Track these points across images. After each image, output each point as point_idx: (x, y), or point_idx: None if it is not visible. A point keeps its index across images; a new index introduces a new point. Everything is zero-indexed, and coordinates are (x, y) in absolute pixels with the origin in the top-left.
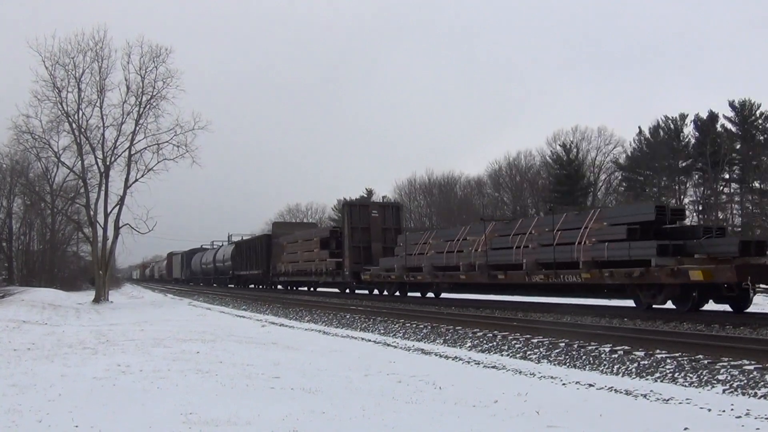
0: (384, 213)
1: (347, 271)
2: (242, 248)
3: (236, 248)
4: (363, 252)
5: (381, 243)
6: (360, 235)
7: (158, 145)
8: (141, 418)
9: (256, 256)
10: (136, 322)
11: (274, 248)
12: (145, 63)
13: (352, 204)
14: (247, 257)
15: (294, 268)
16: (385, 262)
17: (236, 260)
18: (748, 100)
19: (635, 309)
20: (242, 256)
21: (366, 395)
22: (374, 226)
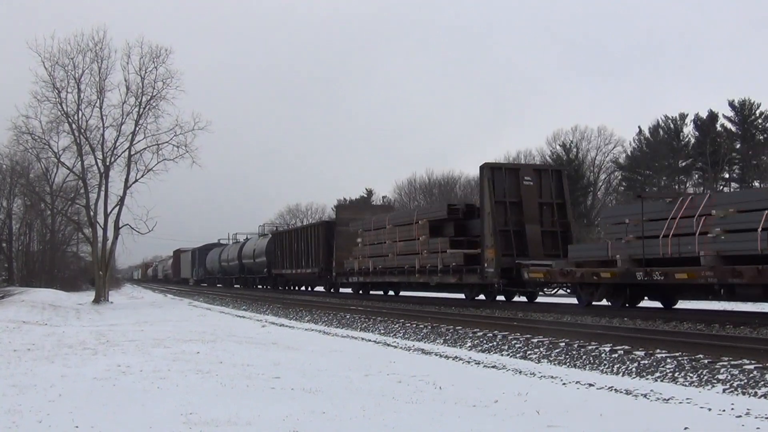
0: (540, 180)
1: (490, 266)
2: (284, 240)
3: (274, 240)
4: (515, 238)
5: (538, 225)
6: (509, 214)
7: (158, 145)
8: (141, 419)
9: (308, 249)
10: (136, 323)
11: (338, 239)
12: (145, 63)
13: (495, 166)
14: (292, 252)
15: (379, 264)
16: (583, 250)
17: (274, 255)
18: (748, 100)
19: (635, 309)
20: (285, 251)
21: (366, 395)
22: (528, 200)
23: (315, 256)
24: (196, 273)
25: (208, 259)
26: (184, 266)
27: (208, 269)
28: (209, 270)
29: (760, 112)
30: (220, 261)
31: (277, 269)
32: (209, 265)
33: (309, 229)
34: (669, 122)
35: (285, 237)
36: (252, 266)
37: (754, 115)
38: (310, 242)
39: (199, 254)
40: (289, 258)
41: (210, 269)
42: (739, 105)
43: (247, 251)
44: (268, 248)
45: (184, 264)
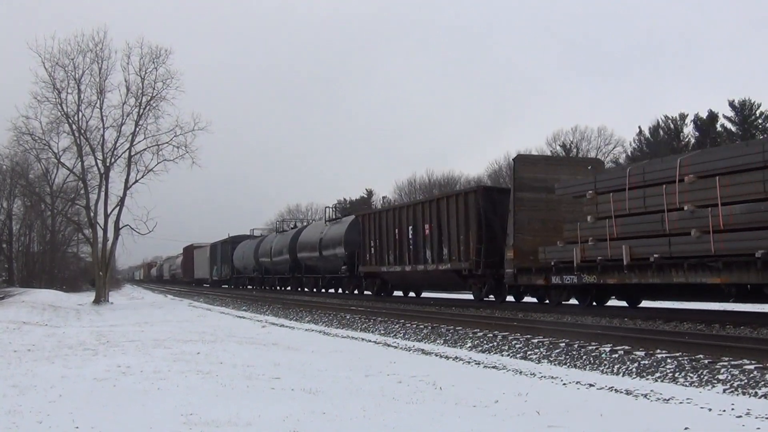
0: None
1: None
2: (383, 223)
3: (362, 225)
4: None
5: None
6: None
7: (158, 146)
8: (141, 419)
9: (439, 234)
10: (136, 323)
11: (519, 213)
12: (145, 64)
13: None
14: (402, 240)
15: (656, 249)
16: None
17: (361, 247)
18: (748, 100)
19: (635, 309)
20: (384, 239)
21: (366, 396)
22: None
23: (457, 243)
24: (218, 272)
25: (238, 254)
26: (200, 264)
27: (238, 267)
28: (239, 268)
29: (760, 112)
30: (258, 256)
31: (368, 266)
32: (239, 262)
33: (439, 204)
34: (669, 122)
35: (385, 218)
36: (316, 263)
37: (754, 115)
38: (443, 223)
39: (223, 249)
40: (395, 249)
41: (241, 267)
42: (739, 105)
43: (307, 242)
44: (349, 237)
45: (200, 262)
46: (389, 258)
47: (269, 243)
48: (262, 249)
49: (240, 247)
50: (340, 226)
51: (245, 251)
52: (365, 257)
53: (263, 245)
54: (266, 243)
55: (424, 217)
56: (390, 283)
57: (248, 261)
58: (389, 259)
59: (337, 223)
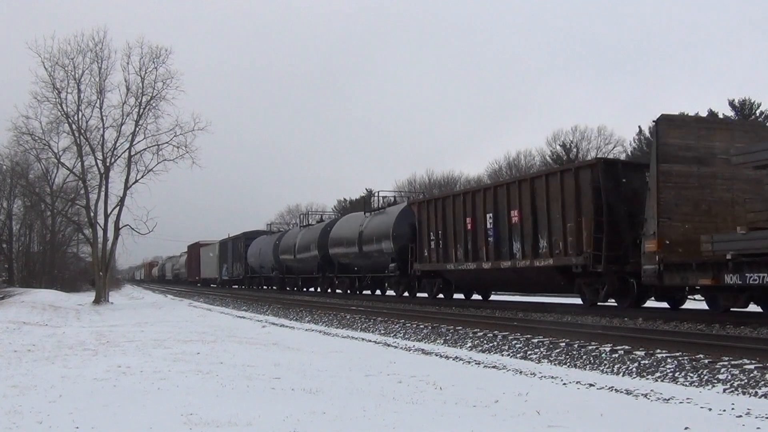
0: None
1: None
2: (447, 211)
3: (415, 213)
4: None
5: None
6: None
7: (158, 146)
8: (141, 419)
9: (534, 223)
10: (136, 323)
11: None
12: (145, 64)
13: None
14: (475, 232)
15: None
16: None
17: (416, 240)
18: (748, 100)
19: (635, 309)
20: (447, 231)
21: (366, 396)
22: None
23: (562, 233)
24: (228, 271)
25: (253, 252)
26: (207, 263)
27: (252, 266)
28: (254, 267)
29: (760, 111)
30: (278, 253)
31: (426, 263)
32: (254, 261)
33: (535, 184)
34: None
35: (451, 205)
36: (354, 260)
37: (755, 114)
38: (541, 207)
39: (234, 246)
40: (465, 242)
41: (256, 266)
42: (739, 105)
43: (343, 236)
44: (399, 229)
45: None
46: (457, 253)
47: (292, 238)
48: (283, 245)
49: (255, 243)
50: (386, 217)
51: (262, 248)
52: (422, 253)
53: (285, 241)
54: (288, 238)
55: (511, 202)
56: (456, 283)
57: (265, 259)
58: (457, 255)
59: (381, 213)
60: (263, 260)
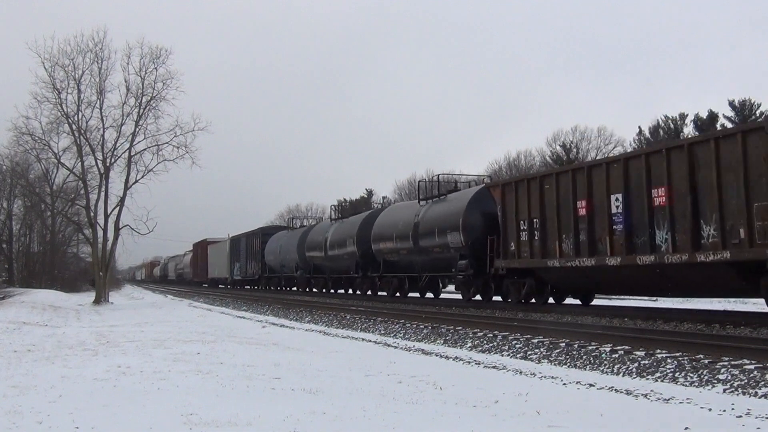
0: None
1: None
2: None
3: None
4: None
5: None
6: None
7: (158, 146)
8: (141, 419)
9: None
10: (136, 324)
11: None
12: (145, 64)
13: None
14: (594, 215)
15: None
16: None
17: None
18: (748, 100)
19: (635, 309)
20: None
21: (366, 396)
22: None
23: (745, 216)
24: (242, 270)
25: (272, 249)
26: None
27: (271, 265)
28: (272, 266)
29: (760, 112)
30: (304, 250)
31: (514, 259)
32: (273, 259)
33: (694, 152)
34: (669, 122)
35: (553, 185)
36: (404, 257)
37: (755, 115)
38: (705, 183)
39: (249, 243)
40: (575, 231)
41: (276, 264)
42: (739, 105)
43: (389, 229)
44: (470, 219)
45: (217, 259)
46: (562, 246)
47: (322, 233)
48: (311, 241)
49: (275, 240)
50: (452, 205)
51: (283, 245)
52: (507, 247)
53: (313, 236)
54: (317, 233)
55: (653, 177)
56: (555, 284)
57: (288, 257)
58: (561, 248)
59: (441, 202)
60: (284, 258)
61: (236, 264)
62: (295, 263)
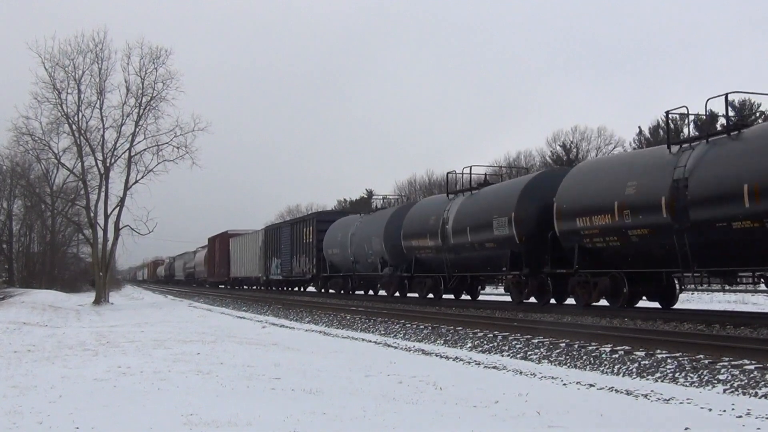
0: None
1: None
2: None
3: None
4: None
5: None
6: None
7: (158, 146)
8: (141, 420)
9: None
10: (136, 324)
11: None
12: (145, 64)
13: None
14: None
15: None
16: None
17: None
18: (748, 100)
19: (635, 309)
20: None
21: (367, 396)
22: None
23: None
24: (285, 268)
25: (334, 239)
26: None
27: (333, 260)
28: (336, 262)
29: (760, 112)
30: (392, 240)
31: None
32: (337, 252)
33: None
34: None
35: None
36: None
37: (755, 115)
38: None
39: (296, 234)
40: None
41: (339, 260)
42: (739, 105)
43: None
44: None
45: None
46: None
47: (431, 210)
48: (409, 226)
49: (337, 228)
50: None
51: (355, 233)
52: None
53: (414, 216)
54: (421, 213)
55: None
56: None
57: (363, 250)
58: None
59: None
60: (359, 251)
61: (274, 260)
62: (380, 258)
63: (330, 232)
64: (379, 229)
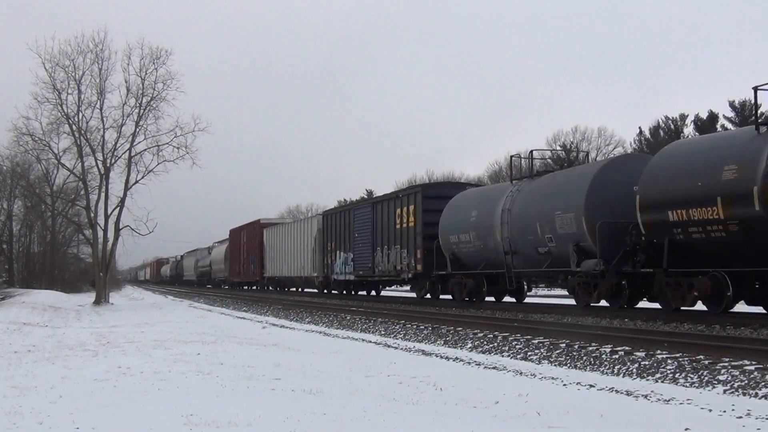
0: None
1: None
2: None
3: None
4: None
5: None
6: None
7: (158, 146)
8: (142, 420)
9: None
10: (136, 324)
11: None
12: (145, 65)
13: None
14: None
15: None
16: None
17: None
18: (748, 100)
19: (635, 309)
20: None
21: (367, 396)
22: None
23: None
24: (357, 264)
25: (457, 221)
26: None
27: (458, 252)
28: (463, 255)
29: (760, 112)
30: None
31: None
32: (462, 239)
33: None
34: (669, 123)
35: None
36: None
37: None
38: None
39: (381, 217)
40: None
41: (470, 251)
42: (740, 105)
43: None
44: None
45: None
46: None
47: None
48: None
49: (464, 203)
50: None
51: (511, 209)
52: None
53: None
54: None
55: None
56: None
57: (531, 232)
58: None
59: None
60: (520, 235)
61: (340, 255)
62: (571, 243)
63: (451, 210)
64: (569, 199)
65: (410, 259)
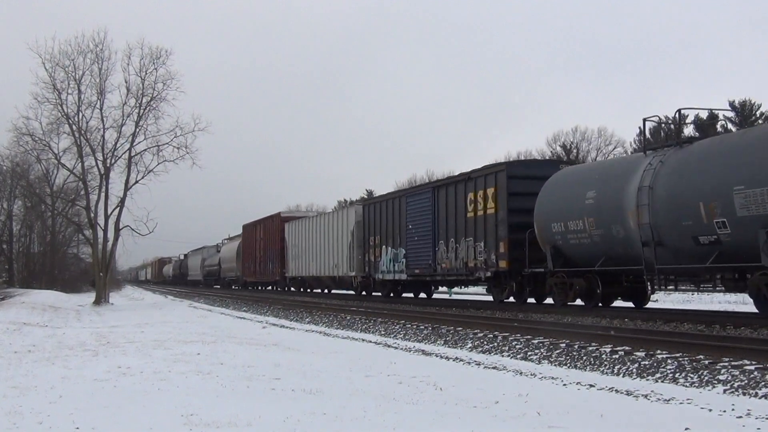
0: None
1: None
2: None
3: None
4: None
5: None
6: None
7: (158, 146)
8: (142, 420)
9: None
10: (136, 324)
11: None
12: (145, 65)
13: None
14: None
15: None
16: None
17: None
18: (749, 100)
19: (635, 309)
20: None
21: (367, 396)
22: None
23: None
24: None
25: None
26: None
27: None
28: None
29: (760, 112)
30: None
31: None
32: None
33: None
34: (669, 123)
35: None
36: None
37: (755, 115)
38: None
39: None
40: None
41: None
42: (740, 105)
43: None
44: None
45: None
46: None
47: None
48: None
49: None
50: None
51: (654, 186)
52: None
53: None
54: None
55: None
56: None
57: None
58: None
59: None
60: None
61: (387, 251)
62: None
63: (553, 191)
64: (760, 168)
65: (489, 254)
